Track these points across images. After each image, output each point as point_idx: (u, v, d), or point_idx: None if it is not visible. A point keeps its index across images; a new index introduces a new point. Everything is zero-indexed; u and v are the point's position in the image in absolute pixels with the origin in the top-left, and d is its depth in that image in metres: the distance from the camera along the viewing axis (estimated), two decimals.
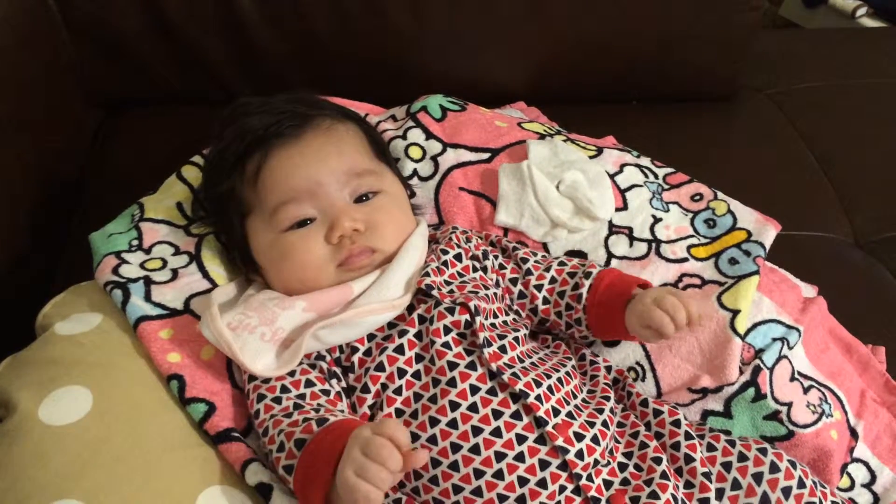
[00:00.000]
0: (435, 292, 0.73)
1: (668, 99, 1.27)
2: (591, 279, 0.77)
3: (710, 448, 0.71)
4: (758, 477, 0.68)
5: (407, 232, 0.78)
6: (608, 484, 0.68)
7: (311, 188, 0.74)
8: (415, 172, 0.90)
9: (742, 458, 0.70)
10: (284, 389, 0.68)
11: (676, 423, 0.72)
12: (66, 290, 0.77)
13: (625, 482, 0.69)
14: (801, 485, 0.68)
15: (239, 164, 0.76)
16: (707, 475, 0.69)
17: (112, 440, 0.62)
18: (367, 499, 0.56)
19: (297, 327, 0.70)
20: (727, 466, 0.69)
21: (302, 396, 0.68)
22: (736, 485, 0.69)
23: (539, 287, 0.79)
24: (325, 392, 0.69)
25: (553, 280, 0.79)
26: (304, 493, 0.61)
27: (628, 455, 0.71)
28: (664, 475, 0.68)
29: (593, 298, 0.76)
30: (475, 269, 0.79)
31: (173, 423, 0.66)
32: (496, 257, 0.81)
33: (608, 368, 0.79)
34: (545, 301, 0.79)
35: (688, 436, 0.71)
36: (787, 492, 0.68)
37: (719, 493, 0.68)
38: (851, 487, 0.79)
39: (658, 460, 0.69)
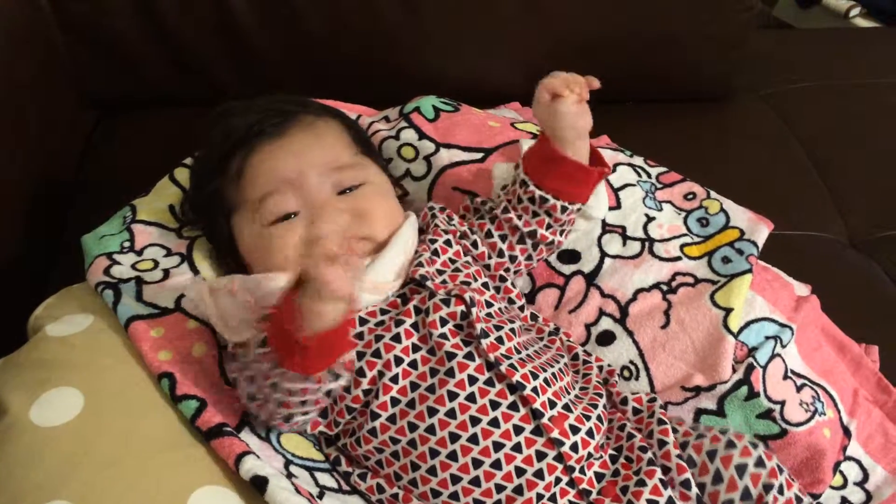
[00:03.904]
0: (429, 283, 0.73)
1: (662, 99, 1.27)
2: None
3: (674, 431, 0.71)
4: (741, 469, 0.67)
5: (396, 220, 0.78)
6: (599, 476, 0.69)
7: (292, 179, 0.74)
8: (407, 172, 0.90)
9: (699, 436, 0.70)
10: None
11: (651, 415, 0.73)
12: (58, 292, 0.77)
13: (615, 474, 0.69)
14: (760, 463, 0.67)
15: (223, 163, 0.77)
16: (680, 457, 0.69)
17: (103, 441, 0.62)
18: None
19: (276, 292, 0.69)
20: (683, 446, 0.70)
21: None
22: (690, 463, 0.69)
23: (506, 210, 0.80)
24: None
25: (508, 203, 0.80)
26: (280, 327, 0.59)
27: (618, 448, 0.71)
28: (651, 462, 0.69)
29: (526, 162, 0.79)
30: (467, 252, 0.79)
31: (164, 424, 0.66)
32: (479, 229, 0.81)
33: (600, 368, 0.79)
34: (507, 211, 0.79)
35: (660, 422, 0.72)
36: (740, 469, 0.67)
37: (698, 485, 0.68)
38: (844, 485, 0.79)
39: (644, 449, 0.70)
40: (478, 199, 0.84)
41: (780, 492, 0.66)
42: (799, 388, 0.79)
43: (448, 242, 0.79)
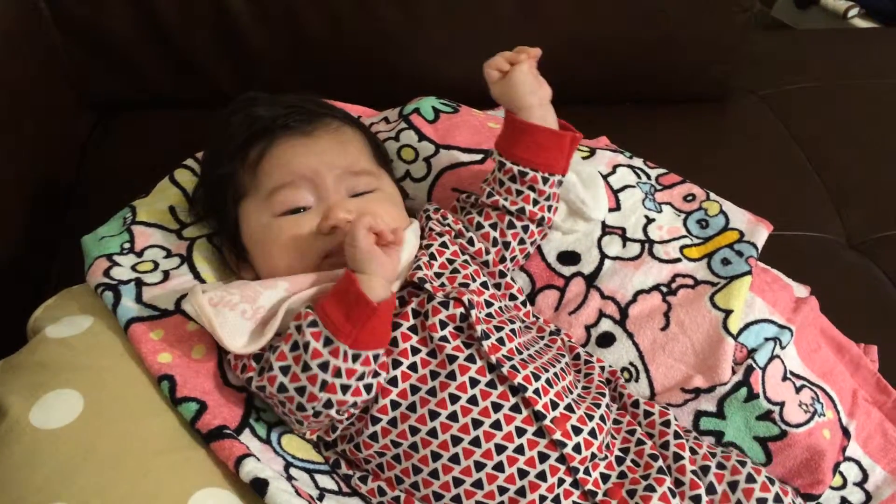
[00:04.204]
0: (427, 286, 0.73)
1: (661, 100, 1.27)
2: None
3: (692, 451, 0.72)
4: (733, 485, 0.69)
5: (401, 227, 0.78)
6: (605, 477, 0.69)
7: (310, 175, 0.75)
8: (407, 174, 0.90)
9: (720, 466, 0.70)
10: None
11: (666, 424, 0.73)
12: (58, 293, 0.77)
13: (622, 475, 0.69)
14: (778, 499, 0.68)
15: (242, 148, 0.77)
16: (696, 473, 0.69)
17: (103, 443, 0.62)
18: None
19: (277, 304, 0.69)
20: (705, 470, 0.70)
21: None
22: (711, 489, 0.69)
23: (490, 195, 0.81)
24: None
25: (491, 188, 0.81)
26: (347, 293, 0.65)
27: (625, 451, 0.71)
28: (661, 471, 0.69)
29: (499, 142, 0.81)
30: (464, 251, 0.80)
31: (164, 426, 0.66)
32: (470, 225, 0.81)
33: (602, 368, 0.79)
34: (491, 195, 0.80)
35: (677, 435, 0.72)
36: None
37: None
38: (844, 486, 0.80)
39: (655, 457, 0.70)
40: (462, 196, 0.84)
41: None
42: (798, 390, 0.79)
43: (444, 244, 0.79)
